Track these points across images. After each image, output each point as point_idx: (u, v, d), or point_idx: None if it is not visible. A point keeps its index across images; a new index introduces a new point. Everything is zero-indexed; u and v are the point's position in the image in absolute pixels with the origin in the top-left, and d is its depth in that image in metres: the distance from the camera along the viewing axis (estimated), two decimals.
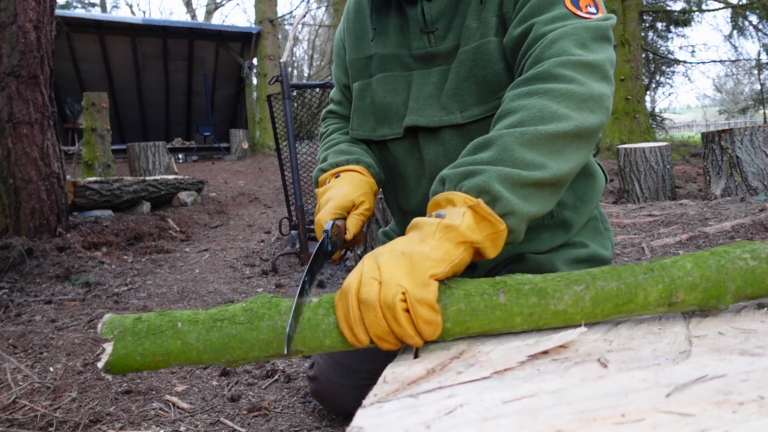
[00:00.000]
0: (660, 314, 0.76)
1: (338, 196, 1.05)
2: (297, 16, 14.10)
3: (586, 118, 0.84)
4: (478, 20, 1.05)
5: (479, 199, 0.76)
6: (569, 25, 0.91)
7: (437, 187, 0.83)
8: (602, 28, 0.93)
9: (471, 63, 1.05)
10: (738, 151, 4.76)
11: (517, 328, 0.70)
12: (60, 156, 4.06)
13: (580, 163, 0.85)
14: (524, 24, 0.96)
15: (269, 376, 1.90)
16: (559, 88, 0.84)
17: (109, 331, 0.69)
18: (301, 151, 3.94)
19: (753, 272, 0.70)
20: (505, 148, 0.80)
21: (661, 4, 13.33)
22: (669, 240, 3.27)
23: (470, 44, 1.05)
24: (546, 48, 0.90)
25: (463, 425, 0.45)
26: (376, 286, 0.68)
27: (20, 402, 1.69)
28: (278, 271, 3.47)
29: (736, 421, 0.41)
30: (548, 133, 0.81)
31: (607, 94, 0.89)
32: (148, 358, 0.69)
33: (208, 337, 0.70)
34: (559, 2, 0.95)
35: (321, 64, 23.58)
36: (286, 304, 0.73)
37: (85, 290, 3.06)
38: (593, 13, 0.95)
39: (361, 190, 1.08)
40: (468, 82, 1.06)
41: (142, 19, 14.26)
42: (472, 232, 0.73)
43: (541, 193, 0.81)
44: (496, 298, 0.69)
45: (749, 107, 18.82)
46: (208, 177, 8.62)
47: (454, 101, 1.07)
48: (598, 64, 0.88)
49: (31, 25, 3.81)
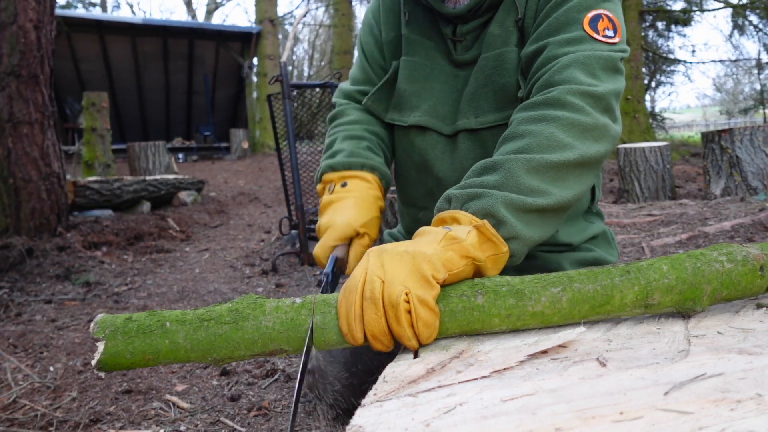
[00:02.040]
0: (658, 314, 0.76)
1: (341, 224, 1.02)
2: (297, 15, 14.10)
3: (590, 147, 0.86)
4: (500, 27, 1.05)
5: (484, 220, 0.78)
6: (582, 52, 0.92)
7: (443, 204, 0.85)
8: (613, 59, 0.94)
9: (490, 70, 1.06)
10: (738, 150, 4.76)
11: (495, 329, 0.71)
12: (60, 156, 4.06)
13: (583, 190, 0.88)
14: (540, 42, 0.97)
15: (269, 375, 1.90)
16: (566, 117, 0.86)
17: (100, 331, 0.71)
18: (301, 150, 3.94)
19: (729, 275, 0.72)
20: (511, 174, 0.82)
21: (661, 4, 13.33)
22: (669, 240, 3.27)
23: (491, 51, 1.06)
24: (556, 72, 0.91)
25: (463, 424, 0.46)
26: (380, 285, 0.69)
27: (20, 401, 1.70)
28: (278, 271, 3.47)
29: (734, 419, 0.41)
30: (553, 161, 0.83)
31: (610, 125, 0.90)
32: (138, 356, 0.71)
33: (195, 336, 0.71)
34: (577, 23, 0.95)
35: (321, 64, 23.58)
36: (270, 304, 0.74)
37: (85, 290, 3.07)
38: (610, 37, 0.95)
39: (366, 215, 1.05)
40: (486, 89, 1.06)
41: (142, 19, 14.27)
42: (475, 249, 0.75)
43: (544, 219, 0.83)
44: (474, 299, 0.71)
45: (749, 107, 18.83)
46: (208, 177, 8.62)
47: (470, 106, 1.08)
48: (605, 96, 0.90)
49: (31, 25, 3.81)
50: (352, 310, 0.70)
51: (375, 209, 1.08)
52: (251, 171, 10.03)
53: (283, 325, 0.72)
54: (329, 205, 1.07)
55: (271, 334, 0.71)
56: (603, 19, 0.95)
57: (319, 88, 3.98)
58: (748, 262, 0.73)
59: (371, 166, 1.11)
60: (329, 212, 1.05)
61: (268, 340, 0.71)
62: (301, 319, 0.73)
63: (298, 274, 3.40)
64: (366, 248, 1.03)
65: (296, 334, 0.72)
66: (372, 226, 1.06)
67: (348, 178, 1.09)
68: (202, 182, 6.56)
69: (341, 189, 1.08)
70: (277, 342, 0.72)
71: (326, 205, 1.08)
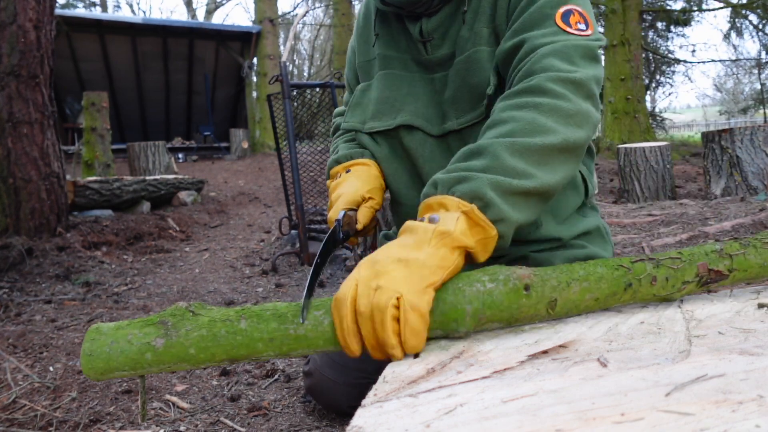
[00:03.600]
0: (655, 315, 0.76)
1: (348, 191, 1.12)
2: (297, 15, 14.10)
3: (573, 132, 0.87)
4: (470, 30, 1.09)
5: (473, 204, 0.78)
6: (559, 42, 0.95)
7: (429, 189, 0.84)
8: (590, 47, 0.96)
9: (464, 72, 1.09)
10: (738, 150, 4.76)
11: (262, 354, 0.71)
12: (60, 155, 4.06)
13: (567, 175, 0.89)
14: (516, 38, 1.00)
15: (269, 375, 1.90)
16: (548, 103, 0.87)
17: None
18: (301, 150, 3.94)
19: (490, 294, 0.70)
20: (496, 157, 0.83)
21: (661, 4, 13.32)
22: (669, 239, 3.27)
23: (463, 54, 1.10)
24: (536, 62, 0.93)
25: (463, 424, 0.45)
26: (373, 296, 0.68)
27: (20, 401, 1.69)
28: (278, 271, 3.47)
29: (736, 420, 0.41)
30: (537, 145, 0.84)
31: (592, 111, 0.92)
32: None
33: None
34: (550, 18, 0.98)
35: (321, 64, 23.58)
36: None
37: (85, 290, 3.06)
38: (583, 30, 0.98)
39: (370, 185, 1.15)
40: (462, 90, 1.10)
41: (142, 19, 14.28)
42: (465, 236, 0.75)
43: (529, 201, 0.84)
44: (238, 324, 0.71)
45: (749, 107, 18.82)
46: (208, 176, 8.62)
47: (452, 108, 1.12)
48: (585, 82, 0.91)
49: (31, 25, 3.81)
50: (344, 323, 0.69)
51: (377, 182, 1.19)
52: (251, 171, 10.03)
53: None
54: (336, 186, 1.18)
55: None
56: (574, 14, 0.98)
57: (319, 88, 3.98)
58: (510, 281, 0.71)
59: (370, 154, 1.23)
60: (337, 190, 1.16)
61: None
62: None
63: (298, 274, 3.40)
64: (373, 210, 1.13)
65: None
66: (377, 193, 1.16)
67: (350, 166, 1.21)
68: (202, 182, 6.56)
69: (345, 174, 1.20)
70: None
71: (334, 188, 1.19)
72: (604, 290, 0.76)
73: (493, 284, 0.71)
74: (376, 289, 0.68)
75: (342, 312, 0.69)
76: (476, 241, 0.76)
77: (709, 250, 0.82)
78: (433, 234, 0.74)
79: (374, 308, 0.67)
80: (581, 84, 0.91)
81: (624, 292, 0.77)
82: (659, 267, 0.78)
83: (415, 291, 0.68)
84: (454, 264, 0.73)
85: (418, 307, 0.67)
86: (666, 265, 0.79)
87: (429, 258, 0.71)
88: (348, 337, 0.69)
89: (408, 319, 0.66)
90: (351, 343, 0.69)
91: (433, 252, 0.72)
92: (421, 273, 0.69)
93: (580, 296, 0.75)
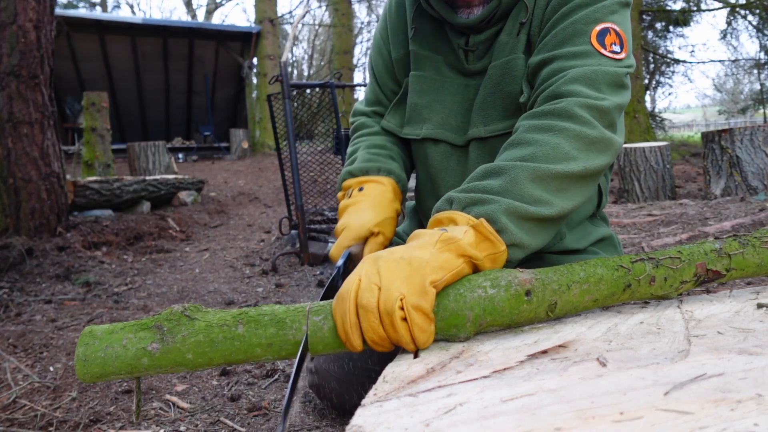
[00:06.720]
0: (655, 315, 0.76)
1: (355, 224, 1.05)
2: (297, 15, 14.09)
3: (594, 160, 0.87)
4: (509, 35, 1.06)
5: (481, 219, 0.78)
6: (589, 66, 0.92)
7: (443, 205, 0.85)
8: (619, 75, 0.94)
9: (499, 78, 1.06)
10: (738, 150, 4.76)
11: (261, 358, 0.72)
12: (60, 156, 4.06)
13: (583, 200, 0.89)
14: (546, 53, 0.97)
15: (269, 375, 1.90)
16: (573, 129, 0.87)
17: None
18: (301, 150, 3.94)
19: (491, 300, 0.70)
20: (515, 181, 0.82)
21: (660, 4, 13.32)
22: (669, 239, 3.27)
23: (500, 59, 1.06)
24: (563, 84, 0.91)
25: (463, 424, 0.46)
26: (376, 292, 0.69)
27: (20, 401, 1.69)
28: (278, 271, 3.47)
29: (734, 419, 0.41)
30: (558, 172, 0.83)
31: (615, 138, 0.91)
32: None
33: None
34: (584, 35, 0.94)
35: (321, 64, 23.58)
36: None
37: (85, 290, 3.07)
38: (617, 52, 0.95)
39: (381, 215, 1.07)
40: (494, 97, 1.07)
41: (142, 19, 14.26)
42: (472, 248, 0.75)
43: (543, 227, 0.84)
44: (235, 329, 0.71)
45: (749, 107, 18.81)
46: (208, 177, 8.62)
47: (479, 115, 1.09)
48: (610, 110, 0.90)
49: (31, 25, 3.81)
50: (347, 317, 0.69)
51: (390, 210, 1.10)
52: (251, 171, 10.03)
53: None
54: (346, 208, 1.10)
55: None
56: (611, 33, 0.95)
57: (319, 88, 3.98)
58: (512, 287, 0.71)
59: (387, 170, 1.14)
60: (345, 215, 1.08)
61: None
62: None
63: (298, 274, 3.40)
64: (381, 246, 1.06)
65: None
66: (387, 226, 1.08)
67: (365, 183, 1.13)
68: (202, 182, 6.56)
69: (358, 193, 1.12)
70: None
71: (343, 209, 1.11)
72: (603, 291, 0.76)
73: (495, 290, 0.71)
74: (379, 285, 0.69)
75: (345, 307, 0.70)
76: (485, 256, 0.76)
77: (708, 249, 0.83)
78: (438, 238, 0.74)
79: (383, 312, 0.68)
80: (606, 112, 0.90)
81: (623, 293, 0.77)
82: (659, 267, 0.79)
83: (415, 291, 0.68)
84: (457, 268, 0.72)
85: (421, 307, 0.68)
86: (665, 266, 0.79)
87: (432, 258, 0.71)
88: (350, 331, 0.70)
89: (414, 320, 0.67)
90: (353, 337, 0.70)
91: (437, 253, 0.72)
92: (422, 271, 0.69)
93: (580, 298, 0.75)
